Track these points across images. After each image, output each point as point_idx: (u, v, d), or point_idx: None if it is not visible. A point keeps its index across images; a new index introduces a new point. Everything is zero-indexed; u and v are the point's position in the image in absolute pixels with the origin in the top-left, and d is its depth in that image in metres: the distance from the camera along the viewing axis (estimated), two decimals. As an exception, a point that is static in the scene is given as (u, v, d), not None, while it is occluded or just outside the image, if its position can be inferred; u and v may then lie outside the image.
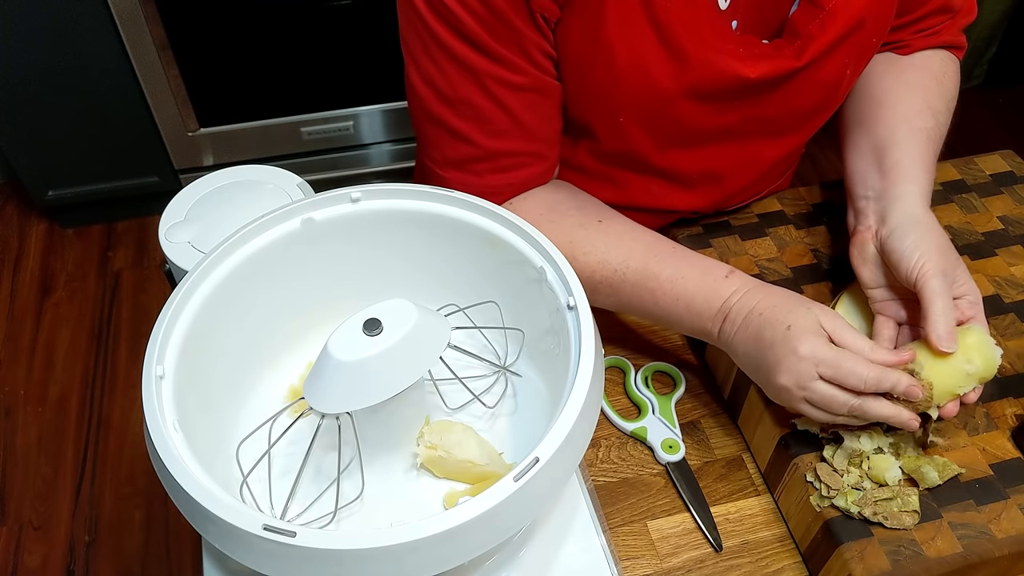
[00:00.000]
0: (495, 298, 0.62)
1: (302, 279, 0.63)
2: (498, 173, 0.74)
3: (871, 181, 0.76)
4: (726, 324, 0.68)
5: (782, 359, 0.63)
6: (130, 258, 1.97)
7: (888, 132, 0.78)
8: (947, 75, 0.84)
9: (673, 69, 0.69)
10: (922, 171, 0.74)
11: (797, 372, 0.62)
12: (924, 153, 0.76)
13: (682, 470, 0.73)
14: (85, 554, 1.47)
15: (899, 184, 0.73)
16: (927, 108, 0.79)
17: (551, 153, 0.77)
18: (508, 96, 0.69)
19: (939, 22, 0.83)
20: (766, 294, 0.67)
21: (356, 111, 1.86)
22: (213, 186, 0.71)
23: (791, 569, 0.68)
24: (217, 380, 0.58)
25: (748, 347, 0.67)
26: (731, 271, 0.70)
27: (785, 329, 0.64)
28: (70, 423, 1.65)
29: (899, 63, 0.84)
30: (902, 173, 0.74)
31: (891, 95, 0.81)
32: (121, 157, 1.84)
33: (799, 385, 0.63)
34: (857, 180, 0.77)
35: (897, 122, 0.78)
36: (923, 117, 0.79)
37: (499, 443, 0.61)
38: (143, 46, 1.63)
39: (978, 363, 0.64)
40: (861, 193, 0.76)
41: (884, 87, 0.82)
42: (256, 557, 0.45)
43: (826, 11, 0.69)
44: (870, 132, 0.79)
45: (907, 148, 0.76)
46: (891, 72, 0.83)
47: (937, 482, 0.65)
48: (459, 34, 0.66)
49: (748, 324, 0.67)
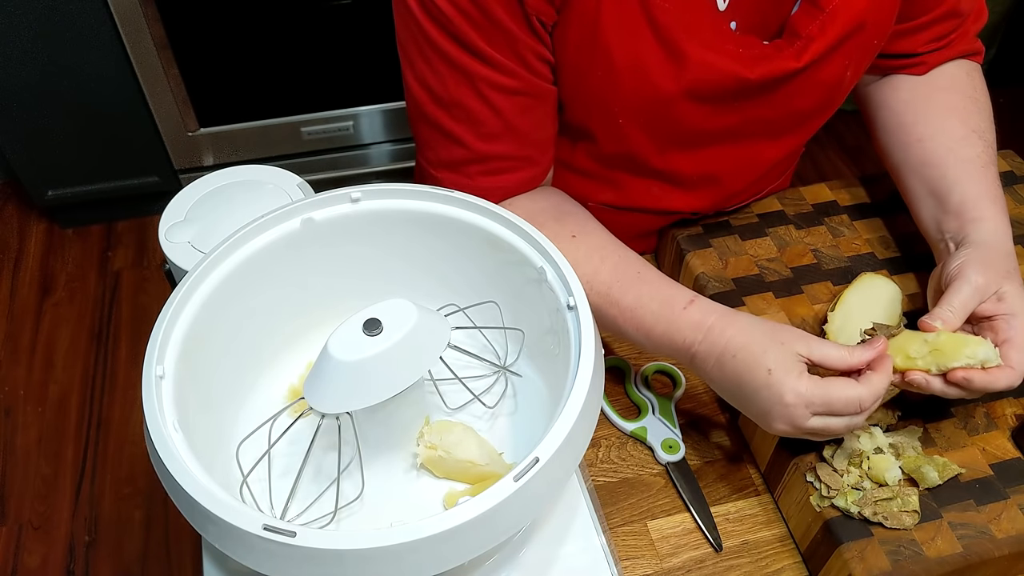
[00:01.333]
0: (495, 298, 0.62)
1: (302, 279, 0.63)
2: (488, 176, 0.74)
3: (944, 225, 0.75)
4: (696, 361, 0.66)
5: (772, 407, 0.61)
6: (130, 258, 1.97)
7: (941, 171, 0.77)
8: (978, 89, 0.83)
9: (672, 70, 0.69)
10: (989, 202, 0.74)
11: (790, 418, 0.61)
12: (983, 182, 0.75)
13: (682, 470, 0.73)
14: (85, 554, 1.47)
15: (971, 224, 0.73)
16: (971, 132, 0.78)
17: (543, 158, 0.76)
18: (500, 100, 0.69)
19: (951, 28, 0.81)
20: (734, 331, 0.64)
21: (356, 111, 1.86)
22: (213, 186, 0.71)
23: (791, 569, 0.68)
24: (217, 380, 0.58)
25: (729, 387, 0.65)
26: (691, 301, 0.67)
27: (766, 374, 0.61)
28: (70, 423, 1.65)
29: (926, 87, 0.82)
30: (970, 213, 0.73)
31: (931, 128, 0.80)
32: (121, 157, 1.84)
33: (796, 428, 0.61)
34: (930, 226, 0.78)
35: (947, 157, 0.77)
36: (970, 143, 0.77)
37: (499, 443, 0.61)
38: (143, 46, 1.63)
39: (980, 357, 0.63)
40: (939, 238, 0.76)
41: (919, 119, 0.81)
42: (256, 557, 0.45)
43: (826, 12, 0.69)
44: (922, 174, 0.78)
45: (965, 184, 0.75)
46: (920, 100, 0.82)
47: (937, 482, 0.65)
48: (452, 37, 0.66)
49: (723, 366, 0.64)
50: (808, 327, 0.78)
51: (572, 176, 0.83)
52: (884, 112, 0.84)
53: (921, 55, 0.82)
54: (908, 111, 0.82)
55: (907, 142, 0.81)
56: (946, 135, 0.79)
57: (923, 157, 0.79)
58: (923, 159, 0.79)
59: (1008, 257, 0.69)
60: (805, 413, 0.60)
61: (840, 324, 0.75)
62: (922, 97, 0.82)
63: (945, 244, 0.74)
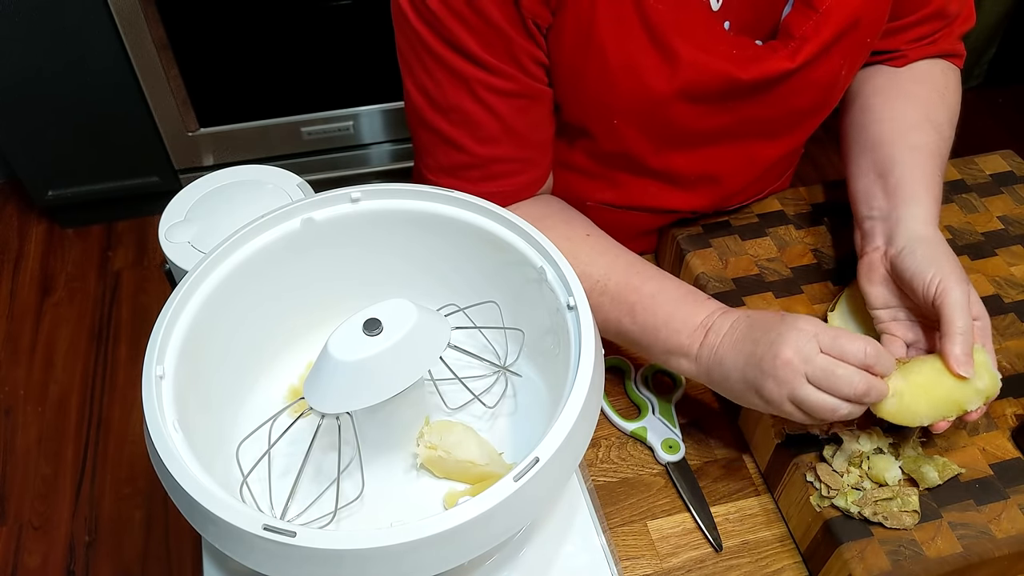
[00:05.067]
0: (495, 298, 0.62)
1: (302, 279, 0.63)
2: (490, 181, 0.74)
3: (875, 202, 0.75)
4: (709, 336, 0.67)
5: (784, 334, 0.61)
6: (130, 258, 1.97)
7: (888, 151, 0.77)
8: (949, 87, 0.83)
9: (666, 71, 0.69)
10: (925, 190, 0.73)
11: (784, 376, 0.61)
12: (926, 170, 0.75)
13: (682, 470, 0.73)
14: (85, 554, 1.47)
15: (903, 205, 0.72)
16: (927, 121, 0.79)
17: (542, 160, 0.77)
18: (498, 102, 0.70)
19: (935, 29, 0.82)
20: (749, 311, 0.67)
21: (356, 111, 1.86)
22: (213, 186, 0.71)
23: (791, 569, 0.68)
24: (217, 380, 0.58)
25: (737, 346, 0.65)
26: (710, 296, 0.70)
27: (779, 319, 0.63)
28: (70, 423, 1.65)
29: (898, 77, 0.83)
30: (906, 194, 0.73)
31: (890, 111, 0.80)
32: (121, 157, 1.84)
33: (786, 392, 0.61)
34: (861, 200, 0.77)
35: (897, 140, 0.78)
36: (923, 132, 0.78)
37: (499, 443, 0.61)
38: (143, 46, 1.63)
39: (986, 380, 0.63)
40: (866, 214, 0.75)
41: (883, 102, 0.81)
42: (256, 557, 0.45)
43: (820, 12, 0.69)
44: (871, 151, 0.78)
45: (909, 167, 0.75)
46: (890, 87, 0.82)
47: (937, 482, 0.65)
48: (447, 42, 0.66)
49: (735, 329, 0.65)
50: (808, 327, 0.78)
51: (571, 176, 0.83)
52: (857, 98, 0.84)
53: (902, 50, 0.83)
54: (876, 95, 0.82)
55: (865, 122, 0.81)
56: (902, 120, 0.79)
57: (877, 136, 0.79)
58: (877, 138, 0.79)
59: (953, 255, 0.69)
60: (800, 372, 0.60)
61: (840, 324, 0.75)
62: (892, 86, 0.83)
63: (871, 222, 0.75)
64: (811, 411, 0.61)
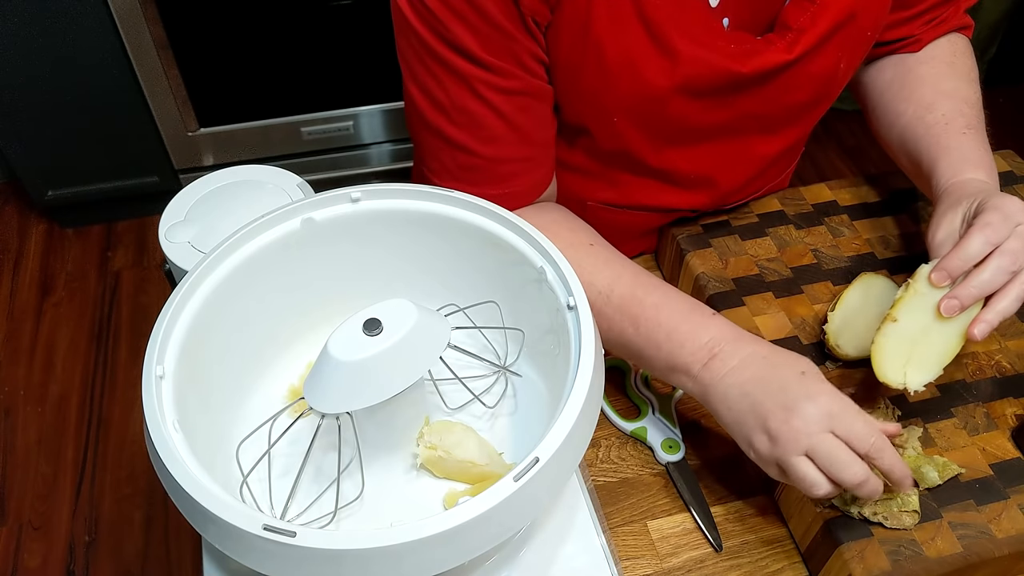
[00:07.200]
0: (495, 298, 0.62)
1: (302, 279, 0.63)
2: (496, 183, 0.74)
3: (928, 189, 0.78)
4: (715, 362, 0.64)
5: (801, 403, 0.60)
6: (130, 258, 1.97)
7: (913, 144, 0.80)
8: (957, 53, 0.84)
9: (664, 66, 0.69)
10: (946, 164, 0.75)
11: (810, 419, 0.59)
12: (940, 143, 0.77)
13: (682, 470, 0.73)
14: (85, 554, 1.47)
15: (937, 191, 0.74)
16: (938, 95, 0.80)
17: (546, 160, 0.77)
18: (500, 100, 0.69)
19: (945, 9, 0.83)
20: (760, 342, 0.65)
21: (356, 111, 1.86)
22: (213, 186, 0.71)
23: (791, 569, 0.68)
24: (217, 380, 0.58)
25: (746, 387, 0.63)
26: (716, 313, 0.68)
27: (799, 374, 0.61)
28: (70, 423, 1.65)
29: (905, 65, 0.84)
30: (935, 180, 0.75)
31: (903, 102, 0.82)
32: (121, 157, 1.84)
33: (810, 434, 0.59)
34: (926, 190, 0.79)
35: (916, 127, 0.80)
36: (934, 108, 0.80)
37: (499, 443, 0.61)
38: (143, 46, 1.63)
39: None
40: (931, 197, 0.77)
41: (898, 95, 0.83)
42: (256, 557, 0.45)
43: (817, 4, 0.70)
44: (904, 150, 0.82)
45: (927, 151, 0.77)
46: (900, 77, 0.84)
47: (937, 482, 0.65)
48: (448, 42, 0.66)
49: (745, 367, 0.63)
50: (808, 327, 0.78)
51: (571, 175, 0.83)
52: (872, 96, 0.86)
53: (916, 35, 0.84)
54: (889, 90, 0.84)
55: (890, 122, 0.83)
56: (917, 104, 0.81)
57: (902, 133, 0.81)
58: (902, 135, 0.81)
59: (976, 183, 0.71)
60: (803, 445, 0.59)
61: (840, 324, 0.75)
62: (902, 74, 0.84)
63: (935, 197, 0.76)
64: (794, 480, 0.60)
